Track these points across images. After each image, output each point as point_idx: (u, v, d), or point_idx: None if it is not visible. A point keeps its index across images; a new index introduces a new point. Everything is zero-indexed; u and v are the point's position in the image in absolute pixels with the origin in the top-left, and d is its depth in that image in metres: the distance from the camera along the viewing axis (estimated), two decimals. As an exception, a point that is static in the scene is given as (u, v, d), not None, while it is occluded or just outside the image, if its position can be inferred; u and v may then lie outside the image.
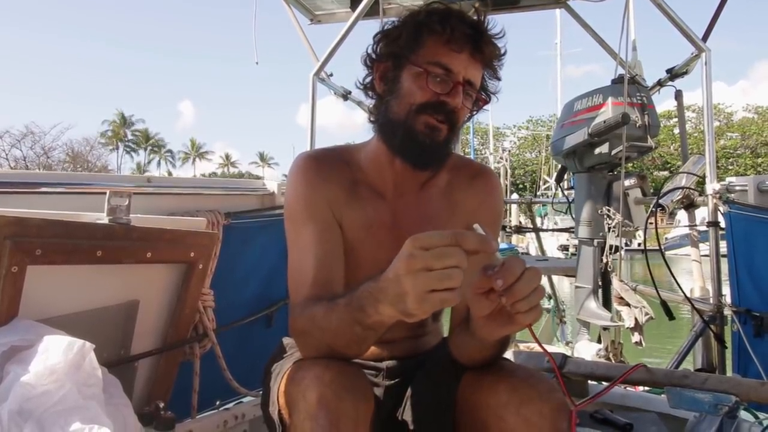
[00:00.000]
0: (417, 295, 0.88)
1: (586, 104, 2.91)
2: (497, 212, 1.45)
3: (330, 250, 1.27)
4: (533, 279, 0.93)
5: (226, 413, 1.95)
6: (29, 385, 1.07)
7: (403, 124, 1.25)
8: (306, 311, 1.16)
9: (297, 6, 3.74)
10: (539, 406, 1.07)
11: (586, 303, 2.99)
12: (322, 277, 1.23)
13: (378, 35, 1.32)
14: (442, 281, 0.87)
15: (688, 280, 2.77)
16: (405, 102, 1.24)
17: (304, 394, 1.06)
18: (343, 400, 1.03)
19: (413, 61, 1.23)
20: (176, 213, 1.97)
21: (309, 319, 1.14)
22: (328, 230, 1.28)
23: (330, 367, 1.08)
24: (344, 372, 1.07)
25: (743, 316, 2.33)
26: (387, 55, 1.29)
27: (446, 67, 1.22)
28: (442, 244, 0.88)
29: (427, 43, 1.23)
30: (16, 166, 28.32)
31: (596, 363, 2.07)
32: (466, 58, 1.23)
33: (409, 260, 0.89)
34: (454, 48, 1.21)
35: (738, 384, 1.51)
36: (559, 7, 3.71)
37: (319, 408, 1.03)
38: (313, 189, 1.30)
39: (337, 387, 1.04)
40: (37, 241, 1.24)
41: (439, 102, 1.22)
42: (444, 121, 1.24)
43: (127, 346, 1.60)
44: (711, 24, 2.96)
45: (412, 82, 1.24)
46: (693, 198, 2.72)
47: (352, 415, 1.03)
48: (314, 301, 1.17)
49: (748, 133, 41.09)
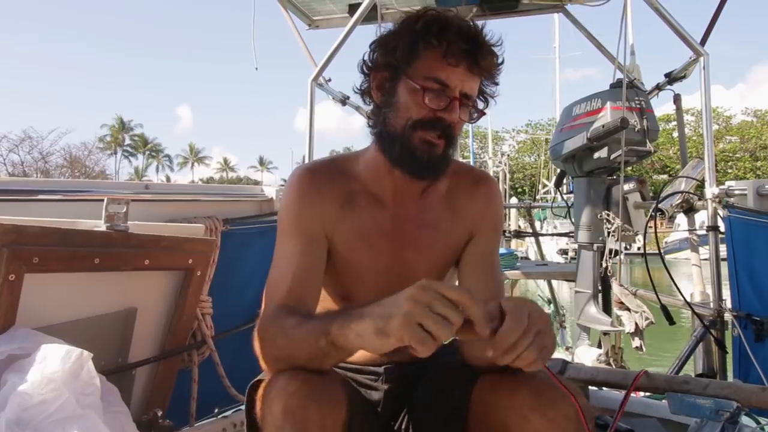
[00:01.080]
0: (405, 319, 0.90)
1: (585, 108, 2.91)
2: (498, 220, 1.45)
3: (309, 266, 1.27)
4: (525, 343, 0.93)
5: (224, 421, 1.94)
6: (27, 395, 1.07)
7: (400, 138, 1.24)
8: (276, 321, 1.14)
9: (295, 11, 3.74)
10: (565, 409, 1.07)
11: (586, 308, 2.99)
12: (297, 291, 1.23)
13: (374, 44, 1.32)
14: (434, 324, 0.89)
15: (688, 284, 2.76)
16: (401, 116, 1.24)
17: (270, 407, 1.05)
18: (307, 408, 1.02)
19: (409, 74, 1.22)
20: (174, 220, 1.97)
21: (278, 329, 1.12)
22: (312, 246, 1.29)
23: (295, 377, 1.06)
24: (310, 380, 1.06)
25: (744, 321, 2.32)
26: (383, 65, 1.28)
27: (443, 82, 1.21)
28: (453, 298, 0.90)
29: (424, 56, 1.22)
30: (14, 170, 28.31)
31: (597, 368, 2.07)
32: (463, 71, 1.21)
33: (419, 290, 0.91)
34: (450, 62, 1.20)
35: (739, 389, 1.50)
36: (558, 11, 3.72)
37: (285, 419, 1.02)
38: (304, 204, 1.31)
39: (302, 396, 1.03)
40: (35, 249, 1.24)
41: (436, 118, 1.22)
42: (441, 137, 1.23)
43: (125, 353, 1.59)
44: (709, 28, 2.97)
45: (409, 96, 1.23)
46: (692, 202, 2.72)
47: (318, 423, 1.02)
48: (285, 312, 1.16)
49: (747, 136, 41.11)
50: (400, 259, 1.35)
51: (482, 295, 1.35)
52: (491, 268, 1.40)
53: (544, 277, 4.71)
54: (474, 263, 1.39)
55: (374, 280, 1.36)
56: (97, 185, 1.98)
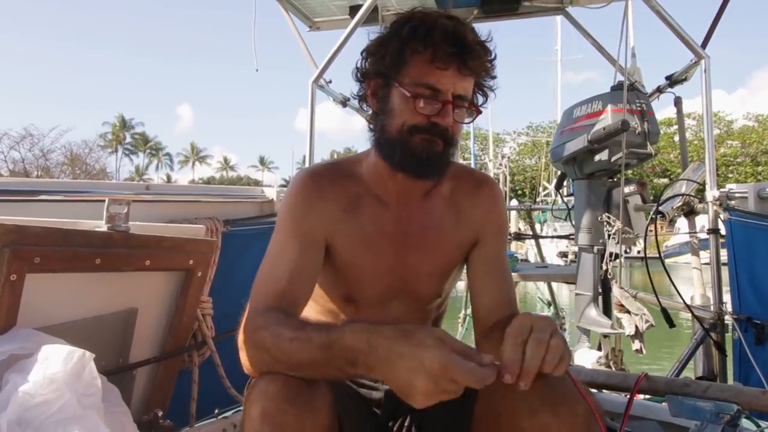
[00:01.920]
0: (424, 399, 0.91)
1: (586, 111, 2.91)
2: (503, 223, 1.45)
3: (304, 269, 1.26)
4: (537, 352, 0.94)
5: (224, 422, 1.94)
6: (28, 395, 1.07)
7: (399, 142, 1.24)
8: (270, 326, 1.11)
9: (296, 13, 3.75)
10: (575, 407, 1.06)
11: (586, 310, 2.98)
12: (291, 292, 1.22)
13: (364, 52, 1.31)
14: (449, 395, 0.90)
15: (688, 288, 2.76)
16: (397, 123, 1.24)
17: (249, 411, 1.05)
18: (285, 412, 1.01)
19: (400, 81, 1.22)
20: (175, 220, 1.98)
21: (272, 336, 1.09)
22: (309, 249, 1.28)
23: (275, 380, 1.05)
24: (289, 384, 1.05)
25: (744, 324, 2.32)
26: (374, 73, 1.28)
27: (433, 87, 1.20)
28: (466, 383, 0.90)
29: (412, 62, 1.21)
30: (15, 167, 28.28)
31: (597, 371, 2.06)
32: (453, 74, 1.20)
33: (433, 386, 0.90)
34: (439, 66, 1.19)
35: (739, 392, 1.50)
36: (559, 14, 3.72)
37: (262, 423, 1.01)
38: (305, 207, 1.30)
39: (280, 400, 1.02)
40: (36, 249, 1.24)
41: (431, 124, 1.21)
42: (438, 139, 1.23)
43: (125, 354, 1.59)
44: (710, 31, 2.96)
45: (402, 103, 1.23)
46: (693, 205, 2.72)
47: (296, 428, 1.02)
48: (277, 314, 1.14)
49: (748, 141, 41.06)
50: (403, 261, 1.35)
51: (493, 298, 1.35)
52: (501, 271, 1.40)
53: (545, 279, 4.70)
54: (483, 268, 1.40)
55: (377, 282, 1.36)
56: (98, 186, 1.98)
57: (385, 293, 1.38)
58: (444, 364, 0.89)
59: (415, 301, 1.41)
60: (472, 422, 1.23)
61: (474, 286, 1.39)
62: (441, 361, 0.89)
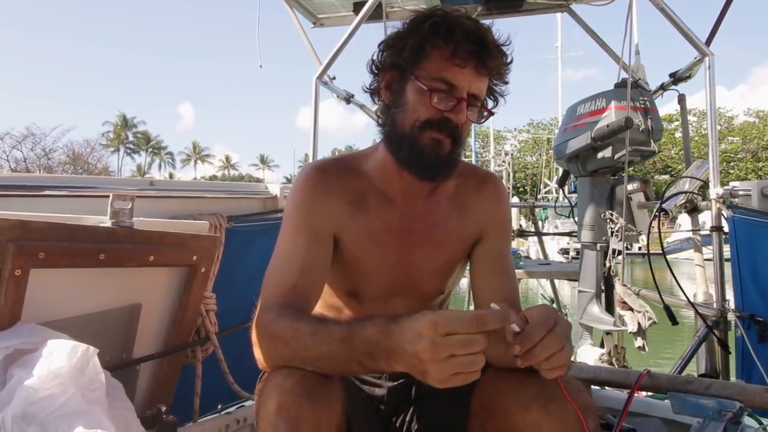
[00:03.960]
0: (441, 378, 0.91)
1: (589, 108, 2.90)
2: (507, 220, 1.46)
3: (314, 263, 1.27)
4: (553, 344, 0.97)
5: (227, 417, 1.95)
6: (33, 389, 1.07)
7: (408, 138, 1.24)
8: (285, 319, 1.12)
9: (300, 9, 3.74)
10: (564, 403, 1.07)
11: (589, 307, 2.98)
12: (303, 286, 1.23)
13: (382, 44, 1.32)
14: (467, 367, 0.90)
15: (691, 284, 2.76)
16: (410, 117, 1.24)
17: (265, 404, 1.05)
18: (302, 407, 1.02)
19: (417, 75, 1.22)
20: (179, 216, 1.97)
21: (290, 330, 1.09)
22: (317, 243, 1.29)
23: (291, 374, 1.06)
24: (306, 378, 1.06)
25: (747, 321, 2.32)
26: (391, 65, 1.28)
27: (450, 83, 1.21)
28: (465, 331, 0.90)
29: (431, 57, 1.22)
30: (17, 167, 28.33)
31: (599, 368, 2.07)
32: (471, 72, 1.21)
33: (433, 348, 0.90)
34: (458, 63, 1.20)
35: (742, 390, 1.50)
36: (563, 10, 3.71)
37: (279, 416, 1.02)
38: (313, 201, 1.30)
39: (297, 394, 1.03)
40: (41, 245, 1.24)
41: (443, 119, 1.22)
42: (448, 136, 1.23)
43: (129, 349, 1.60)
44: (714, 28, 2.95)
45: (417, 97, 1.23)
46: (696, 202, 2.71)
47: (312, 422, 1.02)
48: (291, 309, 1.15)
49: (749, 137, 40.96)
50: (407, 258, 1.35)
51: (496, 296, 1.35)
52: (504, 269, 1.40)
53: (547, 276, 4.71)
54: (486, 265, 1.40)
55: (381, 278, 1.36)
56: (102, 181, 1.98)
57: (388, 289, 1.38)
58: (433, 321, 0.91)
59: (419, 298, 1.42)
60: (469, 417, 1.24)
61: (477, 283, 1.40)
62: (431, 320, 0.91)
